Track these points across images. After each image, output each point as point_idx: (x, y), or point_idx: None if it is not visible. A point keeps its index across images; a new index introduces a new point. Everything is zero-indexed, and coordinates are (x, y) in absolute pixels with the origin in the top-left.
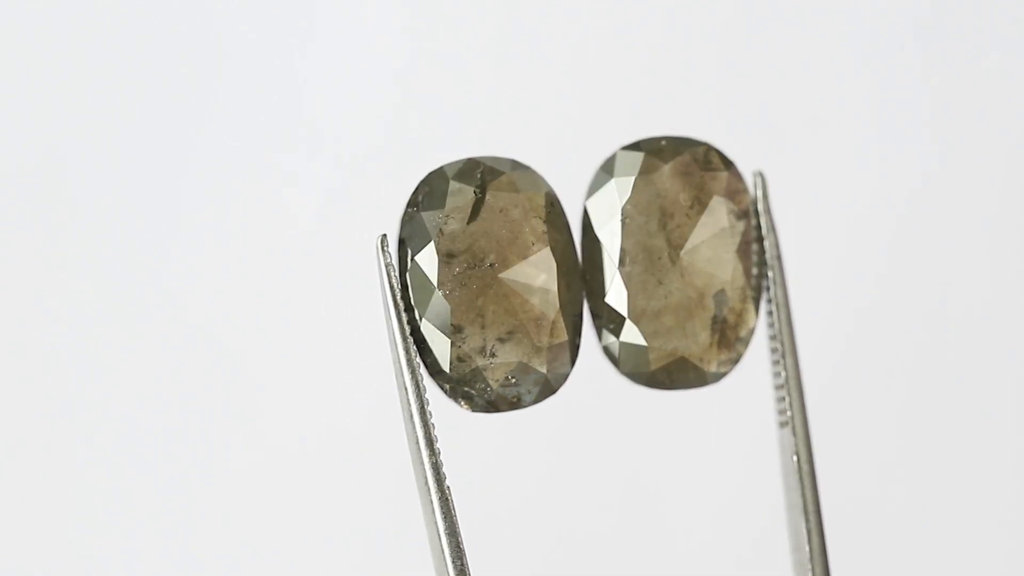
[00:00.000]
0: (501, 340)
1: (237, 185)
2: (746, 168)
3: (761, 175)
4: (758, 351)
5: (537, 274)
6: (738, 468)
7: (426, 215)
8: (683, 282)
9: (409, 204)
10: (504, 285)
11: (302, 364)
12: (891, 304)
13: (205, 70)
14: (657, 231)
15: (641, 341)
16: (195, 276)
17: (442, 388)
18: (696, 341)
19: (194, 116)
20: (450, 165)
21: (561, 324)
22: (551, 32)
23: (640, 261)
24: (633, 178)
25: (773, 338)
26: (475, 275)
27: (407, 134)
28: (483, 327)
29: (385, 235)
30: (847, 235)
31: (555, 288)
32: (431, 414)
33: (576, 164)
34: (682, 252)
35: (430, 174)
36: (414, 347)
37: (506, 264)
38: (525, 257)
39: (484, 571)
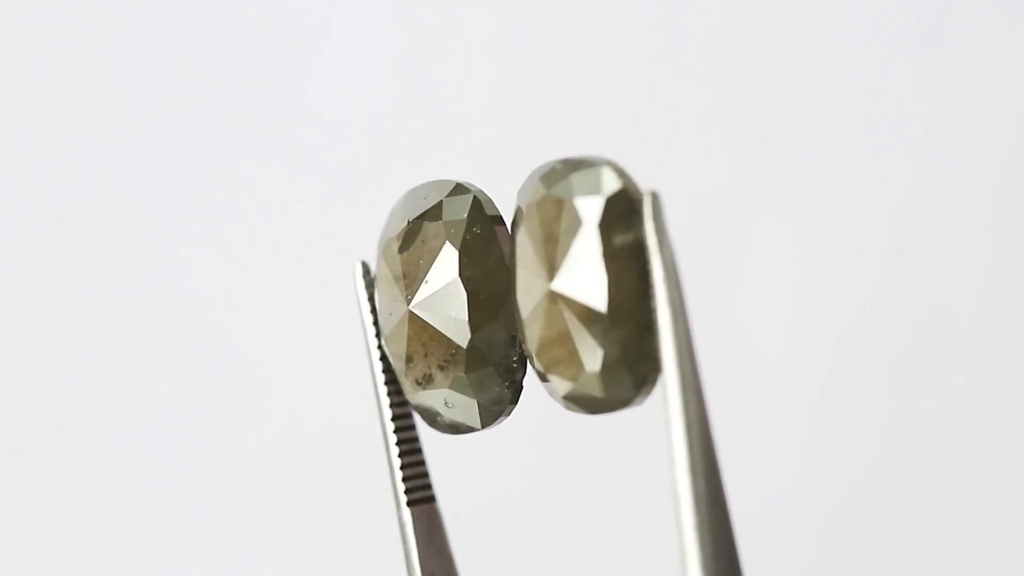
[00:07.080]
0: (441, 368)
1: (238, 191)
2: (652, 184)
3: (653, 194)
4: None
5: (452, 303)
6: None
7: (379, 244)
8: (560, 309)
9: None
10: (420, 315)
11: (296, 368)
12: (886, 304)
13: (206, 78)
14: (539, 259)
15: (542, 370)
16: (193, 279)
17: (414, 410)
18: (586, 369)
19: (201, 121)
20: (409, 192)
21: (481, 351)
22: (546, 37)
23: (529, 290)
24: (526, 205)
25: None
26: (403, 306)
27: (411, 147)
28: (425, 355)
29: (364, 262)
30: (843, 234)
31: (465, 317)
32: (400, 428)
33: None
34: (558, 280)
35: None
36: (390, 371)
37: (421, 294)
38: (439, 287)
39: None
